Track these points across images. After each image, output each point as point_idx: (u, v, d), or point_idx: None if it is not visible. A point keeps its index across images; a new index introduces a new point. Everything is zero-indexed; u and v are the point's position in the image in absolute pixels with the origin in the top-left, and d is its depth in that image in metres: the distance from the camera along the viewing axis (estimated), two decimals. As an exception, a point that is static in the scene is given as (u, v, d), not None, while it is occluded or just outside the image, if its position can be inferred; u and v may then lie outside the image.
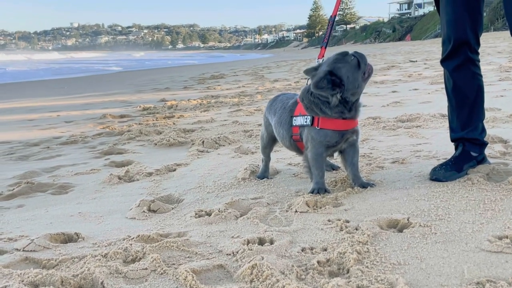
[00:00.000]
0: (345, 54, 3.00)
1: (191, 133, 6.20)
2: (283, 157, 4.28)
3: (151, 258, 2.19)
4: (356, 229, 2.46)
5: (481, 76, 3.31)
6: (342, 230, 2.47)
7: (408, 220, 2.51)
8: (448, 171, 3.19)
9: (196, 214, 2.87)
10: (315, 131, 3.07)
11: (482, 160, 3.35)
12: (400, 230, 2.45)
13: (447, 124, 3.59)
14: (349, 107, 3.01)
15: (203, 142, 5.21)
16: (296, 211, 2.80)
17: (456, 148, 3.39)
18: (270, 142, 3.62)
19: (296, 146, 3.25)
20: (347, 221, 2.59)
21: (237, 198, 3.06)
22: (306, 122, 3.09)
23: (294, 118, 3.16)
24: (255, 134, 5.59)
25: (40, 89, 17.62)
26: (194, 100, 10.40)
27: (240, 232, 2.55)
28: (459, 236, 2.29)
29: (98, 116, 8.99)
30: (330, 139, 3.05)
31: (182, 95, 12.46)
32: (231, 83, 16.22)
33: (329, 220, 2.62)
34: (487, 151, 3.77)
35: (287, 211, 2.85)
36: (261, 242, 2.39)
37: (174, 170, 4.23)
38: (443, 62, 3.31)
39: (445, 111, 3.64)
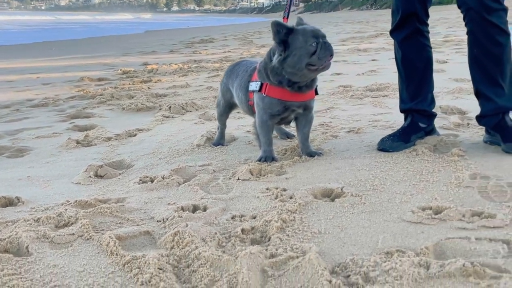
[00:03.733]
0: (317, 34, 2.91)
1: (163, 98, 6.19)
2: (244, 124, 4.29)
3: (80, 224, 2.22)
4: (291, 198, 2.50)
5: (430, 47, 3.31)
6: (277, 198, 2.50)
7: (342, 189, 2.55)
8: (395, 141, 3.22)
9: (140, 180, 2.90)
10: (260, 98, 3.08)
11: (431, 131, 3.38)
12: (333, 199, 2.48)
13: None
14: (289, 83, 2.98)
15: (170, 107, 5.21)
16: (238, 179, 2.84)
17: (405, 119, 3.42)
18: (226, 109, 3.63)
19: (253, 111, 3.26)
20: (284, 190, 2.62)
21: (184, 165, 3.09)
22: (256, 87, 3.10)
23: (251, 83, 3.16)
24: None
25: (28, 51, 17.40)
26: (176, 64, 10.33)
27: (178, 199, 2.58)
28: (386, 206, 2.33)
29: (76, 78, 8.93)
30: (272, 107, 3.05)
31: (166, 59, 12.36)
32: (218, 47, 16.10)
33: (267, 189, 2.65)
34: (441, 122, 3.82)
35: (230, 178, 2.88)
36: (195, 209, 2.43)
37: (134, 135, 4.24)
38: (392, 33, 3.31)
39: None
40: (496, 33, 2.96)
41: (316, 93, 3.17)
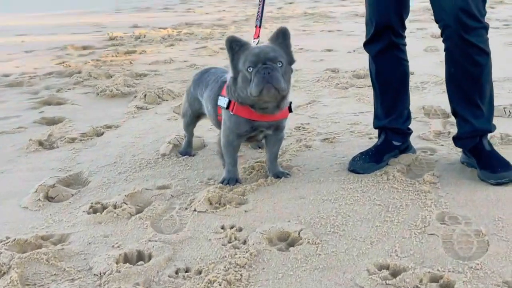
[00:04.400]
0: (257, 58, 2.58)
1: (142, 79, 5.96)
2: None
3: (10, 279, 2.06)
4: (244, 243, 2.33)
5: (406, 61, 3.08)
6: (230, 243, 2.34)
7: (299, 234, 2.38)
8: (367, 162, 3.03)
9: (90, 207, 2.73)
10: (227, 116, 2.85)
11: (405, 149, 3.18)
12: (288, 246, 2.32)
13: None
14: (251, 104, 2.75)
15: (145, 95, 4.98)
16: (195, 210, 2.67)
17: (379, 136, 3.22)
18: (194, 120, 3.38)
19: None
20: (240, 230, 2.46)
21: (140, 188, 2.91)
22: (224, 104, 2.86)
23: (220, 97, 2.91)
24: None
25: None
26: (165, 29, 9.99)
27: (124, 240, 2.41)
28: (341, 260, 2.17)
29: (60, 45, 8.64)
30: (240, 127, 2.84)
31: (158, 19, 12.05)
32: (215, 4, 15.69)
33: (222, 227, 2.48)
34: (421, 130, 3.63)
35: (186, 208, 2.71)
36: (140, 256, 2.27)
37: (102, 134, 4.04)
38: (365, 45, 3.07)
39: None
40: (475, 53, 2.73)
41: (290, 111, 2.95)
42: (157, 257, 2.23)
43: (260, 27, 3.00)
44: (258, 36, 2.93)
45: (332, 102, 4.63)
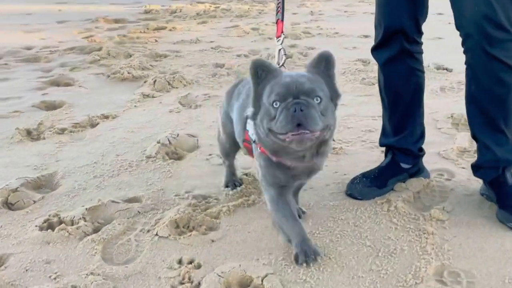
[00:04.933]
0: (287, 91, 1.84)
1: (161, 60, 5.66)
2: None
3: None
4: (198, 286, 2.00)
5: (421, 72, 2.61)
6: (182, 284, 2.00)
7: (262, 281, 2.01)
8: (367, 186, 2.61)
9: (45, 221, 2.44)
10: (259, 157, 2.12)
11: (416, 172, 2.74)
12: (247, 296, 1.96)
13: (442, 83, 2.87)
14: (270, 147, 2.00)
15: (154, 82, 4.67)
16: (156, 234, 2.34)
17: (385, 156, 2.78)
18: (232, 147, 2.62)
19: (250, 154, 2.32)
20: (199, 266, 2.11)
21: (106, 201, 2.60)
22: (251, 134, 2.11)
23: (249, 119, 2.10)
24: (219, 74, 5.00)
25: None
26: (203, 3, 9.63)
27: (65, 269, 2.11)
28: (303, 324, 1.80)
29: (93, 17, 8.44)
30: (276, 176, 2.09)
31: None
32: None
33: (180, 262, 2.15)
34: (444, 146, 3.17)
35: (148, 231, 2.38)
36: (74, 293, 1.97)
37: (96, 125, 3.77)
38: (373, 51, 2.61)
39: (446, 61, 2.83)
40: (501, 70, 2.24)
41: None
42: (93, 297, 1.92)
43: (282, 20, 2.40)
44: (282, 33, 2.36)
45: (352, 100, 4.18)
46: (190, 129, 3.58)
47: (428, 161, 2.94)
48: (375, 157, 3.05)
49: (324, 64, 1.95)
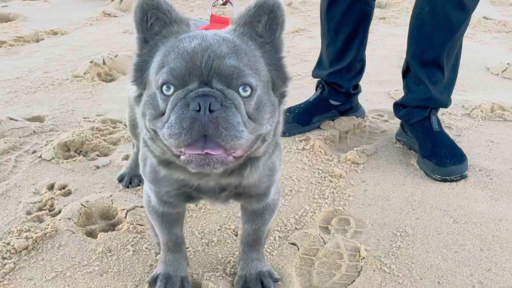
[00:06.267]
0: (230, 67, 1.00)
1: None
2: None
3: None
4: (54, 215, 1.81)
5: (370, 3, 2.27)
6: (41, 210, 1.83)
7: (126, 215, 1.81)
8: (288, 122, 2.34)
9: None
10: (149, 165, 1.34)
11: (349, 110, 2.46)
12: None
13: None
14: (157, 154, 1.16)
15: (121, 0, 4.38)
16: (40, 157, 2.15)
17: (315, 89, 2.49)
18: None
19: None
20: (68, 193, 1.95)
21: (5, 117, 2.41)
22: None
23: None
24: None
25: None
26: None
27: None
28: None
29: None
30: (161, 184, 1.31)
31: None
32: None
33: (51, 187, 1.98)
34: (395, 86, 2.88)
35: (34, 152, 2.19)
36: None
37: (40, 40, 3.54)
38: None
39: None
40: None
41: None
42: None
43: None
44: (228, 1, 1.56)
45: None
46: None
47: (373, 100, 2.66)
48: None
49: (265, 20, 1.10)
